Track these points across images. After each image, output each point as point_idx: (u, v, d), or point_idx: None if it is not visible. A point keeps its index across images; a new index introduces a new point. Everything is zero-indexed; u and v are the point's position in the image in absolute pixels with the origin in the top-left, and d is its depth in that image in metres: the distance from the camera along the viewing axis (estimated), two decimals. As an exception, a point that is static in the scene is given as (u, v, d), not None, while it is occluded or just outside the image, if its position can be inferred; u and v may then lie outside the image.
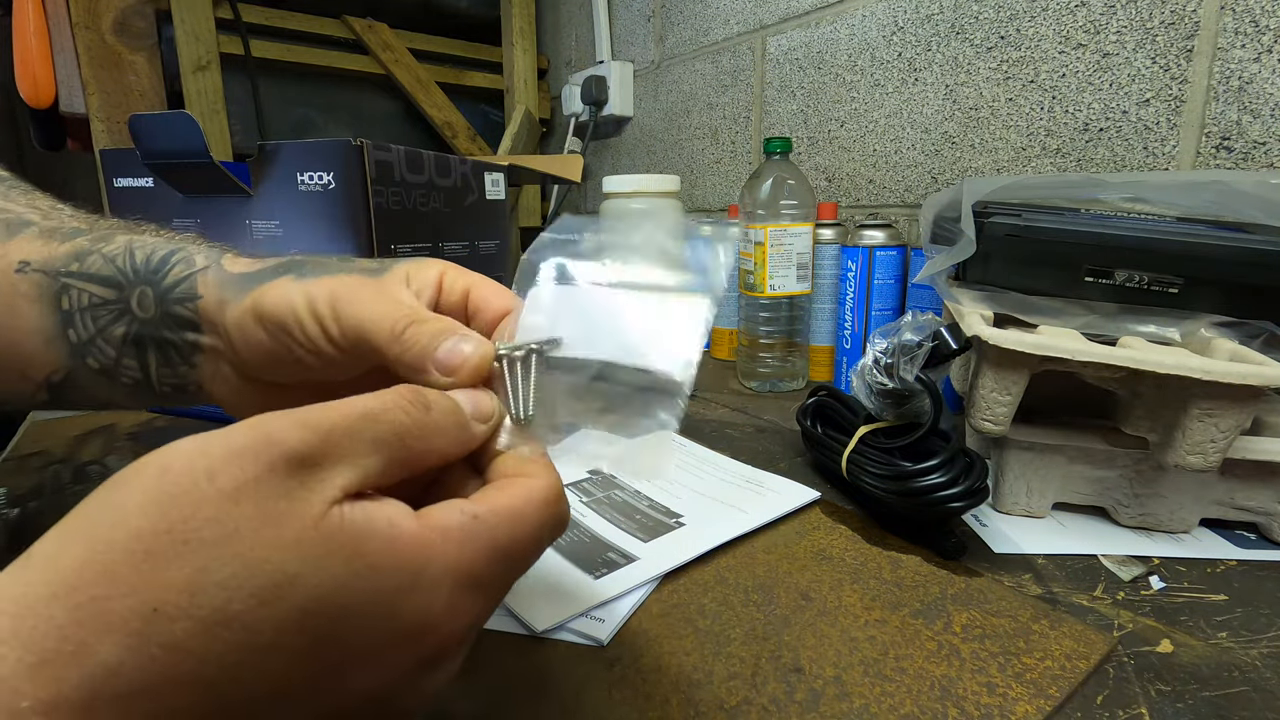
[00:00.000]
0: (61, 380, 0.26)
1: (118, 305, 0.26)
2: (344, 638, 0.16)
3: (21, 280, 0.26)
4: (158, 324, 0.26)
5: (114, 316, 0.26)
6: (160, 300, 0.26)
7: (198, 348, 0.26)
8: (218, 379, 0.27)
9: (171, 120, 0.48)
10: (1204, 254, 0.40)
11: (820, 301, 0.72)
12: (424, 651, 0.17)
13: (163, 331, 0.26)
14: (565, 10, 1.31)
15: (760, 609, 0.32)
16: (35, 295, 0.26)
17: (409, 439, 0.18)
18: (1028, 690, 0.26)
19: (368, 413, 0.17)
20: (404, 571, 0.16)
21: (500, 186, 0.67)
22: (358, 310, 0.23)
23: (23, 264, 0.26)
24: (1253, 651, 0.29)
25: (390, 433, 0.18)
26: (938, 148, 0.72)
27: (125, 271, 0.26)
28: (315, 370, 0.24)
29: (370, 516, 0.16)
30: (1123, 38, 0.57)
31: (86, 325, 0.26)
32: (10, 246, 0.26)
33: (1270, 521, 0.38)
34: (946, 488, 0.35)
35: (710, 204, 1.04)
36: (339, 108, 1.20)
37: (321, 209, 0.50)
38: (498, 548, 0.18)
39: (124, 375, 0.26)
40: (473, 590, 0.18)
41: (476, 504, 0.18)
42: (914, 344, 0.39)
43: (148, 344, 0.26)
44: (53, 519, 0.14)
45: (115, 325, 0.26)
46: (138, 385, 0.27)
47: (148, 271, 0.26)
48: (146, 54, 0.94)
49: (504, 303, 0.25)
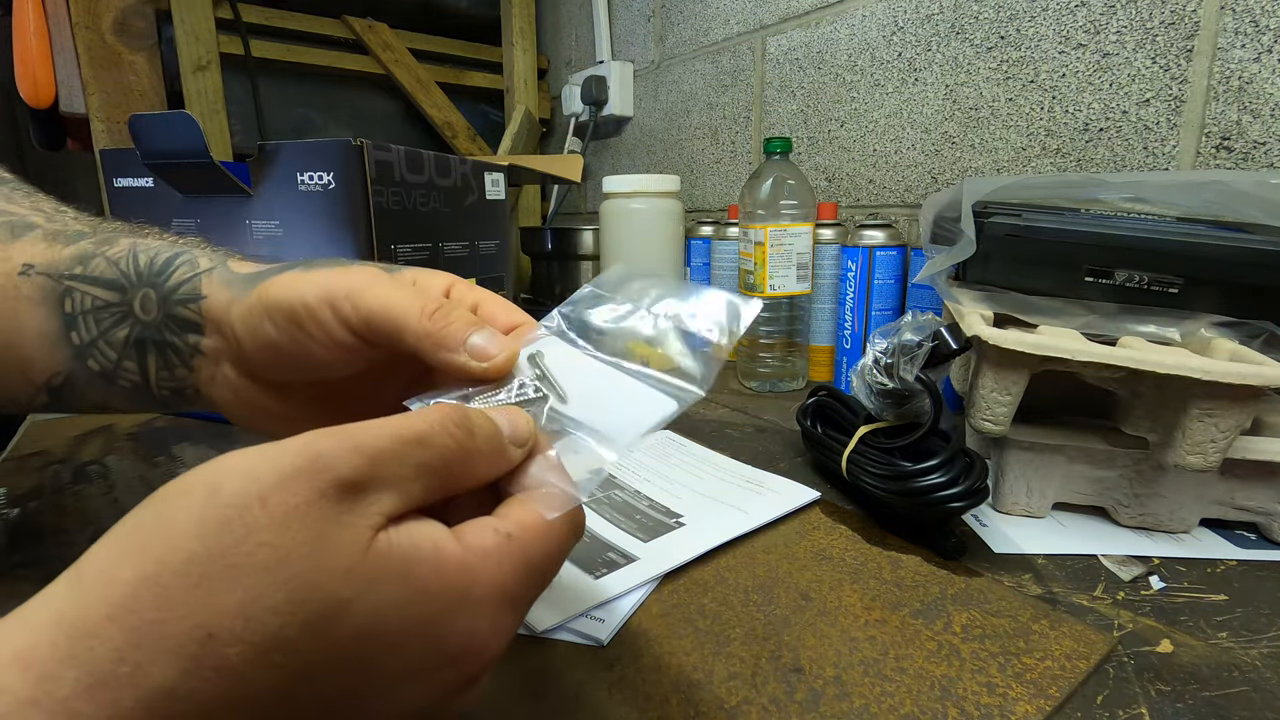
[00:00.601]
0: (61, 383, 0.27)
1: (120, 308, 0.26)
2: (393, 661, 0.16)
3: (25, 283, 0.26)
4: (159, 326, 0.26)
5: (116, 319, 0.26)
6: (163, 302, 0.26)
7: (198, 350, 0.26)
8: (216, 382, 0.27)
9: (171, 120, 0.48)
10: (1204, 254, 0.40)
11: (820, 301, 0.72)
12: (467, 670, 0.18)
13: (164, 334, 0.26)
14: (565, 10, 1.31)
15: (760, 609, 0.32)
16: (39, 298, 0.26)
17: (453, 464, 0.18)
18: (1028, 690, 0.26)
19: (416, 437, 0.17)
20: (450, 595, 0.17)
21: (500, 186, 0.67)
22: (380, 295, 0.23)
23: (26, 267, 0.26)
24: (1253, 651, 0.29)
25: (436, 458, 0.18)
26: (938, 148, 0.72)
27: (129, 274, 0.26)
28: (318, 364, 0.24)
29: (416, 542, 0.17)
30: (1123, 38, 0.57)
31: (89, 328, 0.26)
32: (14, 249, 0.26)
33: (1270, 521, 0.38)
34: (946, 488, 0.35)
35: (710, 204, 1.04)
36: (339, 108, 1.20)
37: (321, 209, 0.50)
38: (531, 565, 0.18)
39: (123, 378, 0.26)
40: (511, 608, 0.18)
41: (507, 522, 0.18)
42: (914, 344, 0.39)
43: (148, 346, 0.26)
44: (53, 519, 0.14)
45: (118, 328, 0.26)
46: (136, 389, 0.27)
47: (151, 274, 0.26)
48: (146, 54, 0.94)
49: (511, 318, 0.26)
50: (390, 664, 0.16)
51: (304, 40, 1.12)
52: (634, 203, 0.83)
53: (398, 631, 0.16)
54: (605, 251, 0.87)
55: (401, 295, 0.23)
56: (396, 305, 0.22)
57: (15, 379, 0.26)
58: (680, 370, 0.23)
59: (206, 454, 0.51)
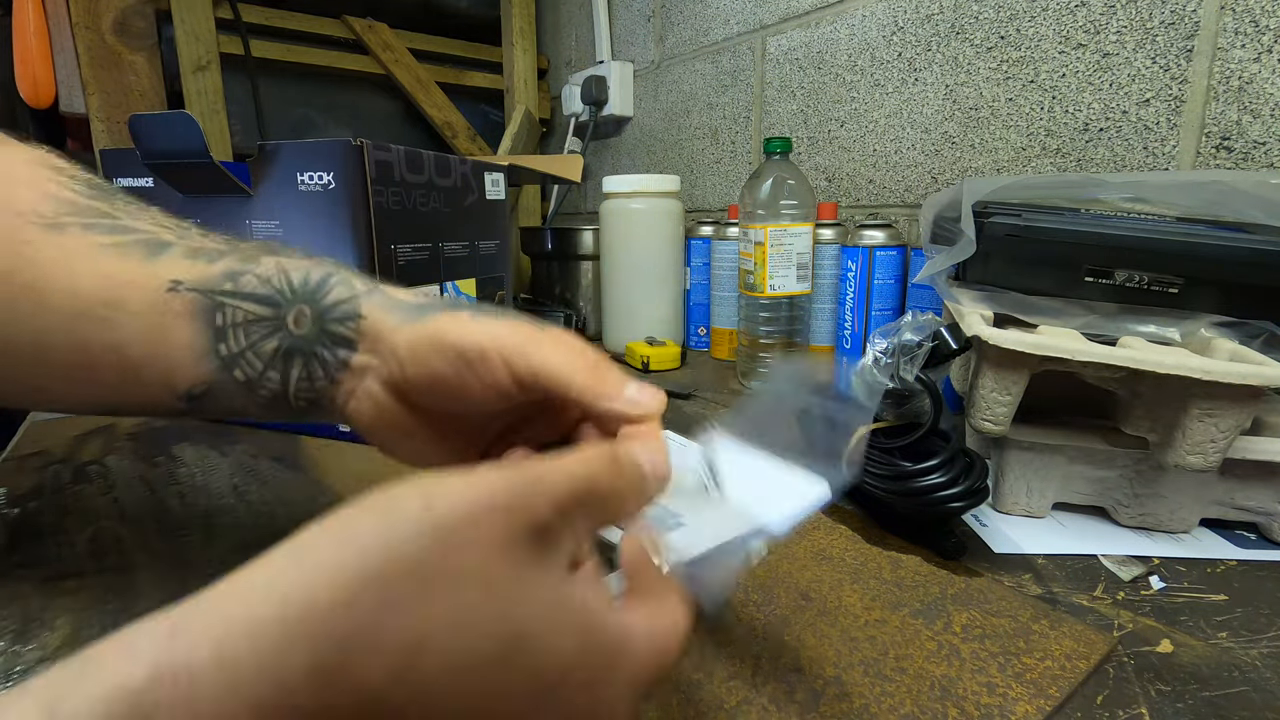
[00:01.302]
0: (203, 392, 0.28)
1: (273, 322, 0.28)
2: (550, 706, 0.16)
3: (174, 299, 0.27)
4: (313, 340, 0.28)
5: (267, 332, 0.28)
6: (319, 318, 0.28)
7: (345, 365, 0.28)
8: (358, 395, 0.28)
9: (171, 120, 0.48)
10: (1204, 254, 0.40)
11: (820, 301, 0.72)
12: None
13: (315, 347, 0.28)
14: (565, 10, 1.31)
15: (760, 609, 0.32)
16: (189, 312, 0.27)
17: (610, 506, 0.20)
18: (1028, 690, 0.26)
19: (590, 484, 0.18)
20: (606, 654, 0.17)
21: (500, 186, 0.67)
22: (548, 354, 0.26)
23: (175, 283, 0.28)
24: (1253, 651, 0.29)
25: (600, 503, 0.19)
26: (938, 148, 0.72)
27: (283, 290, 0.28)
28: (472, 399, 0.26)
29: (594, 596, 0.17)
30: (1123, 38, 0.57)
31: (238, 340, 0.28)
32: (158, 266, 0.28)
33: (1270, 521, 0.38)
34: (946, 488, 0.35)
35: (710, 204, 1.04)
36: (339, 108, 1.20)
37: (321, 209, 0.50)
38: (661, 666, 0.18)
39: (264, 388, 0.28)
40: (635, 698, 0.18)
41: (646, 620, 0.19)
42: (914, 344, 0.39)
43: (295, 357, 0.28)
44: (53, 519, 0.14)
45: (267, 340, 0.28)
46: (275, 398, 0.28)
47: (306, 291, 0.28)
48: (146, 54, 0.94)
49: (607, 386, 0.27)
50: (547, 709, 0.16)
51: (304, 40, 1.12)
52: (634, 203, 0.83)
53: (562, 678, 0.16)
54: (605, 251, 0.87)
55: (566, 354, 0.26)
56: (565, 363, 0.26)
57: (156, 388, 0.28)
58: None
59: (206, 454, 0.51)
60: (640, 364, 0.78)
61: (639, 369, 0.79)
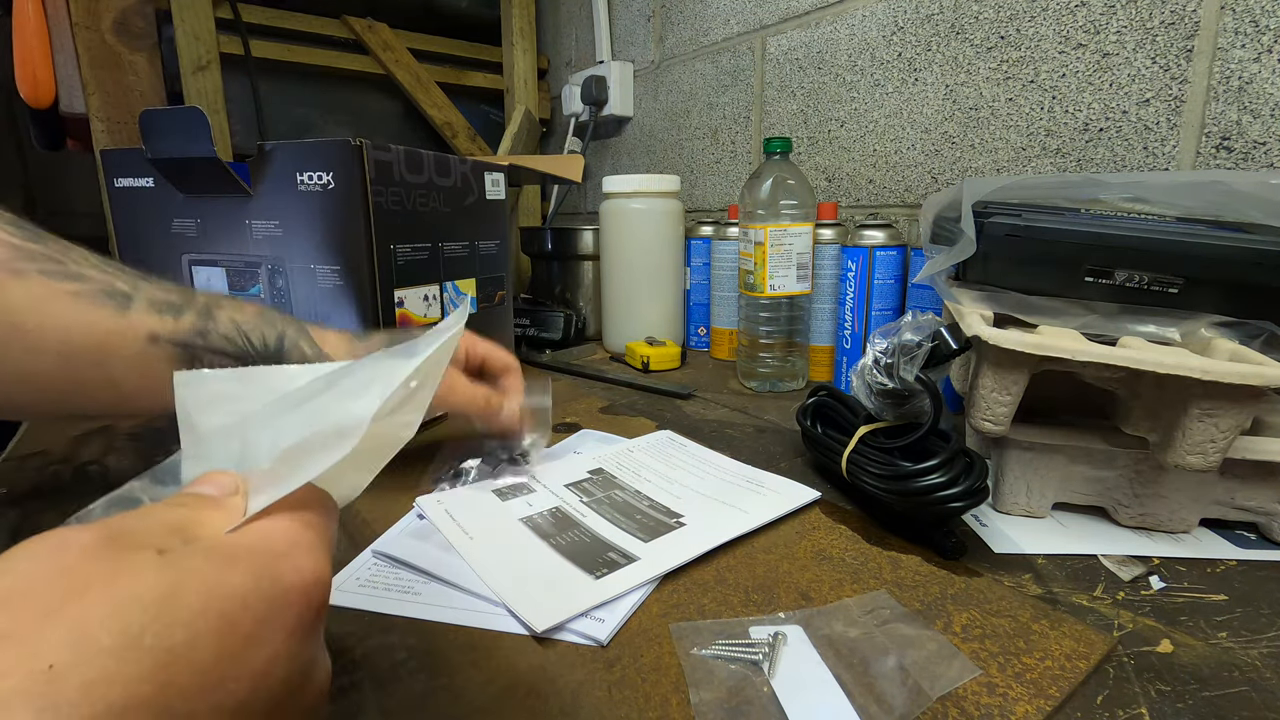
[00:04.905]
0: None
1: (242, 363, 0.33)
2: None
3: (157, 349, 0.33)
4: None
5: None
6: None
7: None
8: None
9: (181, 115, 0.48)
10: (1204, 254, 0.40)
11: (820, 301, 0.72)
12: None
13: None
14: (565, 10, 1.31)
15: (760, 609, 0.32)
16: (170, 359, 0.33)
17: None
18: (1028, 690, 0.26)
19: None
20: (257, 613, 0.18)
21: (500, 186, 0.67)
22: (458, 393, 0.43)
23: (153, 337, 0.33)
24: (1253, 651, 0.29)
25: None
26: (938, 148, 0.72)
27: (246, 350, 0.34)
28: None
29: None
30: (1123, 38, 0.57)
31: None
32: (131, 320, 0.32)
33: (1270, 521, 0.38)
34: (946, 488, 0.35)
35: (710, 204, 1.04)
36: (339, 108, 1.20)
37: (321, 209, 0.50)
38: (306, 597, 0.19)
39: None
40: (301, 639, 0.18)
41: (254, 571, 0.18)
42: (914, 344, 0.39)
43: None
44: (52, 519, 0.14)
45: None
46: None
47: (269, 354, 0.34)
48: (146, 54, 0.93)
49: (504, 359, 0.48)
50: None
51: (304, 40, 1.11)
52: (634, 203, 0.83)
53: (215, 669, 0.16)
54: (605, 251, 0.87)
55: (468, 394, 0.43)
56: (466, 403, 0.43)
57: (148, 408, 0.34)
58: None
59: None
60: (640, 364, 0.78)
61: (639, 369, 0.79)
